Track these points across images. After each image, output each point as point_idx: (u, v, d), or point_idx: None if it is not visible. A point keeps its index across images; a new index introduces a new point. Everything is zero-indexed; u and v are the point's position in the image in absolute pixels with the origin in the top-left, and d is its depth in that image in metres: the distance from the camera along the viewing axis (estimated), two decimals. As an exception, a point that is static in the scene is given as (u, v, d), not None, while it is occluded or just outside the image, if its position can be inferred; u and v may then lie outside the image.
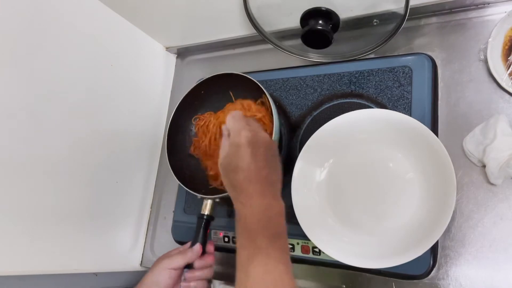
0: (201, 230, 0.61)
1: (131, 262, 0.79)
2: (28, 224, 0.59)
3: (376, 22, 0.64)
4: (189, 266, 0.58)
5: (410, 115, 0.56)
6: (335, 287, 0.61)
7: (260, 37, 0.67)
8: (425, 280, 0.54)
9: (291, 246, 0.62)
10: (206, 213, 0.62)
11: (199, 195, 0.63)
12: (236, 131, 0.50)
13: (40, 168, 0.61)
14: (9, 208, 0.57)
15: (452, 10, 0.63)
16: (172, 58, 0.90)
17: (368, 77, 0.63)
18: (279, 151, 0.59)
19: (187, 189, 0.64)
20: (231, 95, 0.70)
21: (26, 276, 0.60)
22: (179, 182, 0.65)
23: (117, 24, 0.75)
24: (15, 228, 0.58)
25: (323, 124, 0.58)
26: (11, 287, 0.59)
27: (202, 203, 0.63)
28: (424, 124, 0.52)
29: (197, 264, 0.58)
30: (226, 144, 0.51)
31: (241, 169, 0.47)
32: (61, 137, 0.64)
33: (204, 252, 0.60)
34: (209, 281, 0.61)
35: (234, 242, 0.68)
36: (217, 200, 0.62)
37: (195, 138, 0.72)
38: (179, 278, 0.58)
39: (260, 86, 0.63)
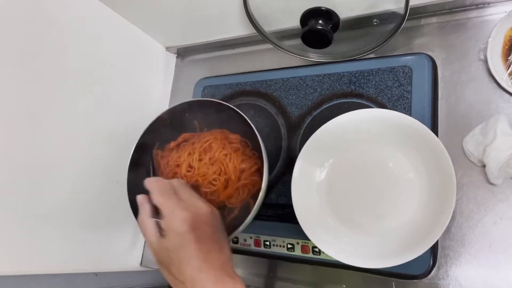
0: None
1: (131, 262, 0.79)
2: (28, 224, 0.59)
3: (376, 22, 0.64)
4: None
5: (410, 115, 0.56)
6: (335, 287, 0.61)
7: (260, 37, 0.67)
8: (425, 280, 0.54)
9: (290, 246, 0.62)
10: None
11: None
12: (170, 211, 0.44)
13: (40, 168, 0.61)
14: (9, 208, 0.57)
15: (452, 10, 0.63)
16: (172, 58, 0.90)
17: (368, 77, 0.63)
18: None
19: None
20: (197, 124, 0.63)
21: (26, 276, 0.60)
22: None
23: (117, 24, 0.75)
24: (15, 228, 0.58)
25: (323, 124, 0.58)
26: (11, 287, 0.59)
27: None
28: (424, 124, 0.52)
29: None
30: (151, 226, 0.45)
31: (187, 262, 0.41)
32: (61, 137, 0.64)
33: None
34: None
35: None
36: None
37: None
38: None
39: (249, 122, 0.55)
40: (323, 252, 0.56)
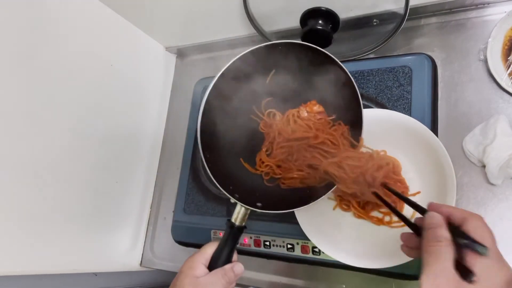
0: (233, 243, 0.50)
1: (131, 262, 0.79)
2: (28, 224, 0.59)
3: (376, 22, 0.64)
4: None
5: (410, 115, 0.56)
6: (335, 287, 0.61)
7: (260, 37, 0.67)
8: (425, 280, 0.54)
9: (290, 246, 0.62)
10: (237, 224, 0.51)
11: (242, 204, 0.51)
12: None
13: (40, 168, 0.61)
14: (9, 208, 0.57)
15: (452, 10, 0.63)
16: (172, 58, 0.90)
17: (368, 77, 0.63)
18: None
19: (218, 185, 0.52)
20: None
21: (26, 276, 0.60)
22: (207, 169, 0.52)
23: (117, 24, 0.75)
24: (15, 228, 0.58)
25: (323, 124, 0.58)
26: (11, 287, 0.59)
27: (234, 208, 0.52)
28: (424, 124, 0.52)
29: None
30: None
31: None
32: (61, 137, 0.64)
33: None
34: None
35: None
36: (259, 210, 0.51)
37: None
38: None
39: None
40: (323, 252, 0.56)
